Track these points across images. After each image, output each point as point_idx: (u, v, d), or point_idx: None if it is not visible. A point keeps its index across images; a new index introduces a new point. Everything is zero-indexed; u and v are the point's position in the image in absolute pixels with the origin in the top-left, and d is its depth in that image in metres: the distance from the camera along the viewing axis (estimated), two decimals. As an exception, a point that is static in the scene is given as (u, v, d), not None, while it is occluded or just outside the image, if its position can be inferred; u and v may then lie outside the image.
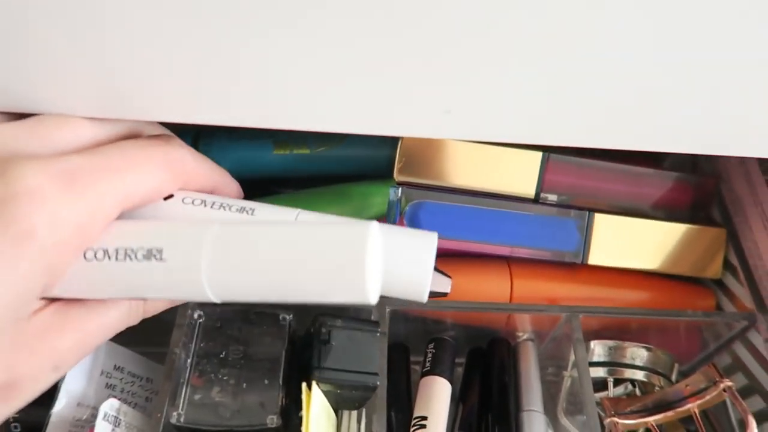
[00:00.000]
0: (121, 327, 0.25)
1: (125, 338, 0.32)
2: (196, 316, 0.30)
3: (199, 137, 0.37)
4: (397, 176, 0.33)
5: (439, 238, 0.33)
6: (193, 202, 0.26)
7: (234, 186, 0.29)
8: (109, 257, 0.22)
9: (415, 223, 0.33)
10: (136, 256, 0.22)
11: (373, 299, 0.21)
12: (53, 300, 0.22)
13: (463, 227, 0.33)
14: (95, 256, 0.22)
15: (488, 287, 0.34)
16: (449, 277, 0.30)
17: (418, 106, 0.25)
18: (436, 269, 0.29)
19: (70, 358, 0.22)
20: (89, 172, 0.21)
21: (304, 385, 0.27)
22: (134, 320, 0.25)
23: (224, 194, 0.28)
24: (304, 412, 0.26)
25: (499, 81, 0.24)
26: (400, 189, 0.33)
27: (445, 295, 0.30)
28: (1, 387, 0.20)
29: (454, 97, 0.24)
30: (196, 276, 0.21)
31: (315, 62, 0.23)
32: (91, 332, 0.23)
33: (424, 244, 0.26)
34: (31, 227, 0.19)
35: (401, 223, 0.33)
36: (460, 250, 0.34)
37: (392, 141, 0.36)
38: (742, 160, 0.36)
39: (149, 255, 0.22)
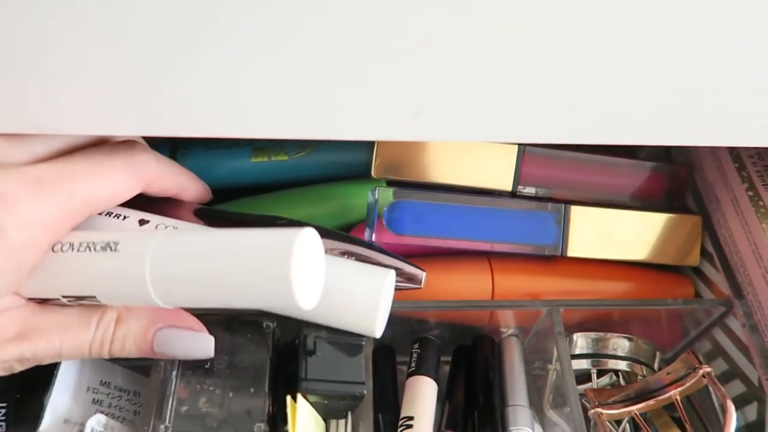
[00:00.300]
0: (79, 352, 0.25)
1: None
2: (179, 327, 0.30)
3: (177, 148, 0.37)
4: (375, 174, 0.34)
5: (419, 236, 0.33)
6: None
7: (200, 187, 0.30)
8: (72, 249, 0.25)
9: (394, 223, 0.33)
10: (95, 248, 0.24)
11: (304, 305, 0.23)
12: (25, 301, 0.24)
13: (442, 225, 0.34)
14: (61, 249, 0.25)
15: (470, 285, 0.35)
16: (423, 270, 0.31)
17: (388, 110, 0.25)
18: (408, 262, 0.30)
19: (36, 357, 0.24)
20: (56, 177, 0.23)
21: (288, 398, 0.27)
22: (95, 352, 0.26)
23: (190, 196, 0.30)
24: (289, 426, 0.26)
25: (466, 81, 0.24)
26: (377, 191, 0.33)
27: (419, 287, 0.30)
28: None
29: (423, 100, 0.25)
30: (140, 271, 0.24)
31: (284, 69, 0.23)
32: (55, 341, 0.25)
33: (379, 279, 0.27)
34: (1, 227, 0.21)
35: (380, 225, 0.33)
36: (441, 248, 0.34)
37: (370, 143, 0.37)
38: (713, 149, 0.36)
39: (106, 247, 0.24)
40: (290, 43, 0.22)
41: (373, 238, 0.33)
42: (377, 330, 0.28)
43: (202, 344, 0.27)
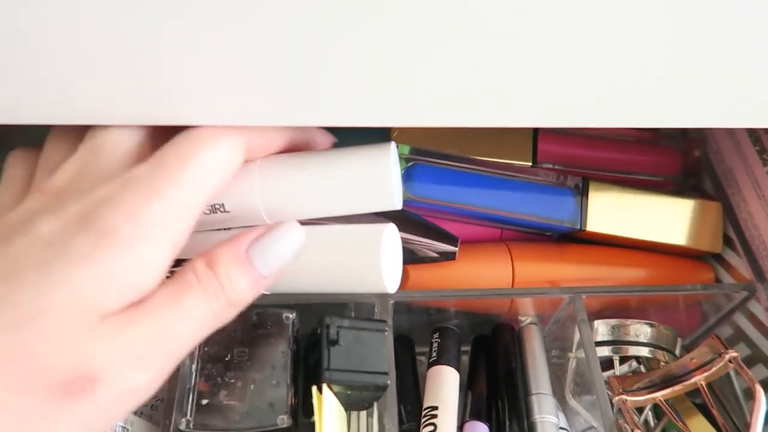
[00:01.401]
0: (205, 319, 0.23)
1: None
2: (197, 320, 0.30)
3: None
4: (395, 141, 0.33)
5: (436, 200, 0.33)
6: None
7: (323, 137, 0.29)
8: None
9: (411, 185, 0.33)
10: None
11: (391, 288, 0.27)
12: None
13: (460, 191, 0.33)
14: None
15: (490, 272, 0.34)
16: (456, 238, 0.31)
17: (404, 96, 0.24)
18: (443, 231, 0.30)
19: (150, 353, 0.21)
20: (151, 175, 0.22)
21: (314, 388, 0.27)
22: (219, 309, 0.23)
23: (312, 146, 0.28)
24: (316, 417, 0.26)
25: (481, 66, 0.23)
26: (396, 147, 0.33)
27: (453, 256, 0.31)
28: (76, 379, 0.19)
29: (439, 86, 0.24)
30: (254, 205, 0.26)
31: (300, 55, 0.22)
32: (169, 323, 0.21)
33: (377, 231, 0.27)
34: (114, 226, 0.20)
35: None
36: (457, 215, 0.34)
37: (385, 131, 0.36)
38: (732, 132, 0.36)
39: (214, 209, 0.27)
40: (308, 29, 0.21)
41: None
42: (388, 284, 0.27)
43: (289, 232, 0.25)
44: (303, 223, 0.26)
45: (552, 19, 0.22)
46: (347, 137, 0.35)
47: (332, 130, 0.30)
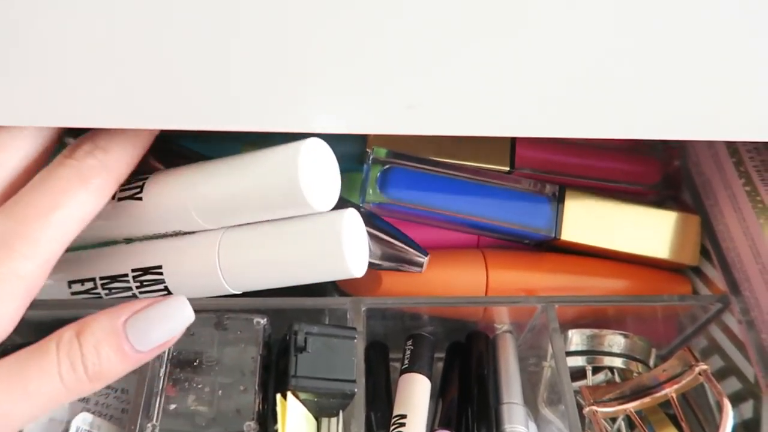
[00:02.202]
0: (51, 394, 0.21)
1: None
2: (168, 324, 0.30)
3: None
4: (371, 145, 0.34)
5: (411, 203, 0.33)
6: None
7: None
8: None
9: (386, 188, 0.33)
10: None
11: (356, 273, 0.27)
12: None
13: (435, 196, 0.33)
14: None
15: (463, 279, 0.34)
16: (426, 253, 0.31)
17: (380, 103, 0.24)
18: (413, 244, 0.30)
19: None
20: (7, 233, 0.22)
21: (278, 396, 0.27)
22: (72, 384, 0.22)
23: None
24: (279, 424, 0.26)
25: (459, 74, 0.23)
26: (372, 154, 0.33)
27: (420, 269, 0.31)
28: None
29: (417, 92, 0.24)
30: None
31: (276, 61, 0.22)
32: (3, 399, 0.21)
33: (337, 216, 0.27)
34: None
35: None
36: (431, 219, 0.34)
37: (362, 137, 0.36)
38: (711, 144, 0.36)
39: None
40: (283, 35, 0.21)
41: (364, 201, 0.32)
42: (353, 268, 0.27)
43: (177, 308, 0.23)
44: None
45: (530, 30, 0.22)
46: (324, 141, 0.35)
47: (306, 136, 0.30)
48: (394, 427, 0.29)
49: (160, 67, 0.22)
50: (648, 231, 0.35)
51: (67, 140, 0.33)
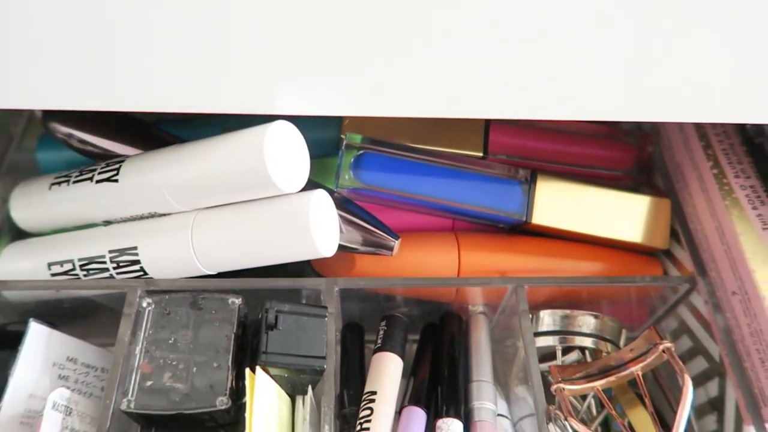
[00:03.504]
0: None
1: (81, 330, 0.33)
2: (144, 304, 0.31)
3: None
4: (344, 132, 0.34)
5: (384, 188, 0.34)
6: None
7: None
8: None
9: (360, 173, 0.33)
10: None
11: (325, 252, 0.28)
12: None
13: (409, 180, 0.34)
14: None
15: (436, 260, 0.35)
16: (397, 237, 0.31)
17: (346, 84, 0.25)
18: (384, 228, 0.31)
19: None
20: None
21: (248, 370, 0.27)
22: None
23: None
24: (247, 397, 0.26)
25: (427, 54, 0.24)
26: (346, 136, 0.33)
27: (391, 252, 0.32)
28: None
29: (381, 73, 0.24)
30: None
31: (244, 45, 0.23)
32: None
33: (305, 197, 0.28)
34: None
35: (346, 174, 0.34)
36: (404, 203, 0.35)
37: (338, 120, 0.37)
38: (681, 128, 0.37)
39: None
40: (247, 16, 0.22)
41: (338, 186, 0.33)
42: (321, 247, 0.28)
43: None
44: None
45: (494, 7, 0.22)
46: (300, 126, 0.36)
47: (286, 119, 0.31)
48: (364, 403, 0.30)
49: (129, 50, 0.22)
50: (619, 215, 0.36)
51: (51, 125, 0.34)
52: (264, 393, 0.27)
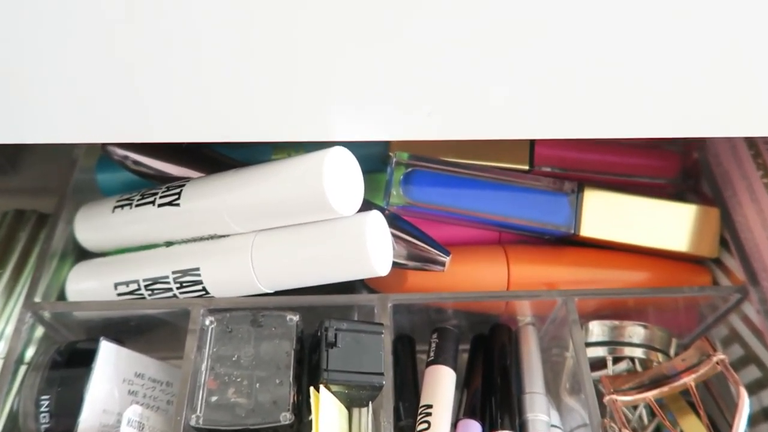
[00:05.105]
0: None
1: (142, 345, 0.34)
2: (207, 322, 0.32)
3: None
4: (391, 151, 0.35)
5: (433, 204, 0.35)
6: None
7: None
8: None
9: (409, 190, 0.34)
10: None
11: (381, 271, 0.29)
12: None
13: (456, 196, 0.35)
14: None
15: (486, 274, 0.35)
16: (448, 253, 0.32)
17: (400, 110, 0.25)
18: (435, 245, 0.32)
19: None
20: None
21: (312, 388, 0.28)
22: None
23: None
24: (313, 415, 0.27)
25: (477, 80, 0.24)
26: (396, 154, 0.34)
27: (443, 268, 0.32)
28: None
29: (434, 99, 0.25)
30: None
31: (297, 74, 0.23)
32: None
33: (361, 219, 0.29)
34: None
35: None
36: (453, 219, 0.35)
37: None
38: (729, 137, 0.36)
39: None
40: (304, 46, 0.23)
41: (388, 204, 0.34)
42: (377, 267, 0.29)
43: None
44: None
45: (549, 30, 0.23)
46: (347, 143, 0.37)
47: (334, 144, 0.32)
48: (421, 416, 0.31)
49: (188, 83, 0.23)
50: (667, 224, 0.36)
51: (108, 148, 0.35)
52: (328, 410, 0.28)
